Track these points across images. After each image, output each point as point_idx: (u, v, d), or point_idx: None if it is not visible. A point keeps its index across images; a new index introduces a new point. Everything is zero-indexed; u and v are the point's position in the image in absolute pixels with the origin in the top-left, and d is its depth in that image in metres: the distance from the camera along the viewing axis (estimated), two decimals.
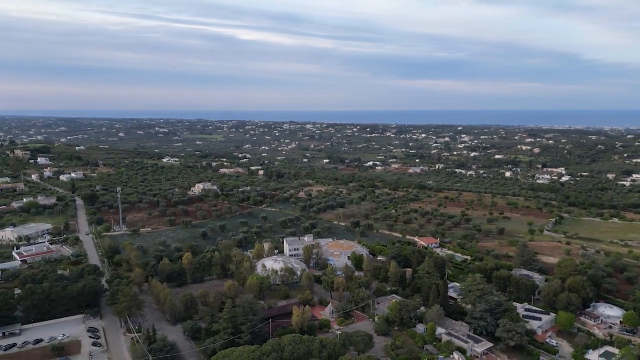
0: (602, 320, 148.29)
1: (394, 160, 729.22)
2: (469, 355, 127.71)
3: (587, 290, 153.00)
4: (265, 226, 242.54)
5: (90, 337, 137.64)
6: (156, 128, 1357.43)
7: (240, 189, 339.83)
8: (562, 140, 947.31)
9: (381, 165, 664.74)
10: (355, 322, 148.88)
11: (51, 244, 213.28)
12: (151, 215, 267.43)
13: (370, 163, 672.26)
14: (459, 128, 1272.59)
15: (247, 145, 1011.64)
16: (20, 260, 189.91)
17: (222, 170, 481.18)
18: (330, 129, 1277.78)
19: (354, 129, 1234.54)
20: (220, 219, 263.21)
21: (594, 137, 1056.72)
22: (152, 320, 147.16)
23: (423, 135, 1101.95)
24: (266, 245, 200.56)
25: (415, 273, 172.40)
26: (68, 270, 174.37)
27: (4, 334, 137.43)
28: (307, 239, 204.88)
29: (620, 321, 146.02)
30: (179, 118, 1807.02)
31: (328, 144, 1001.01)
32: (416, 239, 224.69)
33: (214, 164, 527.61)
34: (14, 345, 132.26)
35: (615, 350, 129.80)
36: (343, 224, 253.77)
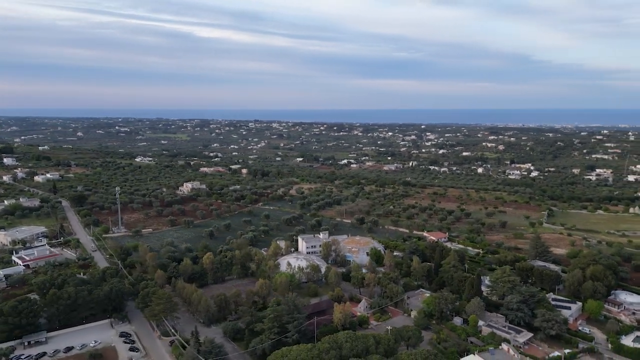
0: (625, 307, 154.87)
1: (367, 158, 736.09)
2: (512, 346, 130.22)
3: (609, 278, 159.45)
4: (272, 224, 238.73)
5: (125, 342, 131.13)
6: (116, 127, 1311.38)
7: (230, 188, 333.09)
8: (523, 138, 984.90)
9: (356, 163, 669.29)
10: (391, 318, 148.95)
11: (50, 247, 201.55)
12: (148, 216, 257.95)
13: (345, 161, 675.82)
14: (423, 127, 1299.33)
15: (215, 144, 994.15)
16: (23, 265, 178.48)
17: (203, 169, 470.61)
18: (297, 127, 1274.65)
19: (321, 128, 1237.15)
20: (221, 218, 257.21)
21: (550, 134, 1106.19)
22: (182, 322, 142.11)
23: (390, 133, 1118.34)
24: (282, 243, 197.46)
25: (439, 267, 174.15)
26: (81, 273, 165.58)
27: (29, 342, 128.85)
28: (323, 236, 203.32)
29: None
30: (139, 117, 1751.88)
31: (298, 142, 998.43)
32: (425, 233, 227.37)
33: (192, 162, 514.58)
34: (44, 354, 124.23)
35: None
36: (348, 221, 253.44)
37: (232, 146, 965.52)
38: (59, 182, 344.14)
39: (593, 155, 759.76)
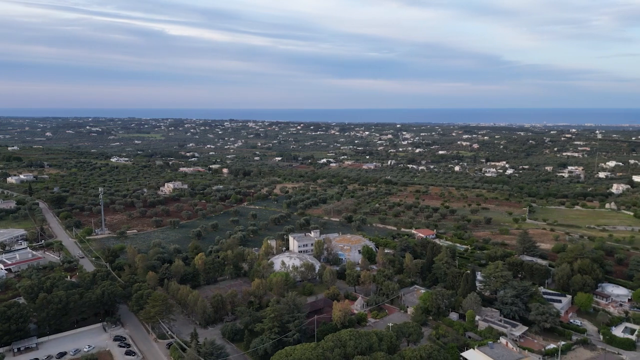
0: (612, 299, 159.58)
1: (345, 157, 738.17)
2: (510, 339, 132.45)
3: (596, 272, 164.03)
4: (260, 224, 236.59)
5: (120, 346, 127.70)
6: (87, 127, 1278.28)
7: (214, 188, 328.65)
8: (496, 137, 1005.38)
9: (335, 162, 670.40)
10: (388, 315, 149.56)
11: (32, 250, 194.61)
12: (131, 217, 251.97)
13: (325, 160, 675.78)
14: (398, 126, 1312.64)
15: (190, 144, 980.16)
16: (5, 269, 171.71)
17: (182, 169, 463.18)
18: (274, 127, 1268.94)
19: (298, 127, 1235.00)
20: (207, 219, 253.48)
21: (522, 133, 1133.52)
22: (177, 324, 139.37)
23: (366, 133, 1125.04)
24: (273, 243, 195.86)
25: (432, 264, 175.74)
26: (68, 277, 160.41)
27: (19, 349, 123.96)
28: (314, 234, 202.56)
29: (629, 299, 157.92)
30: (110, 117, 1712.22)
31: (275, 142, 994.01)
32: (413, 230, 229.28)
33: (170, 162, 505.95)
34: None
35: (634, 326, 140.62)
36: (336, 219, 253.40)
37: (208, 146, 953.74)
38: (33, 183, 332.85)
39: (564, 153, 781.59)
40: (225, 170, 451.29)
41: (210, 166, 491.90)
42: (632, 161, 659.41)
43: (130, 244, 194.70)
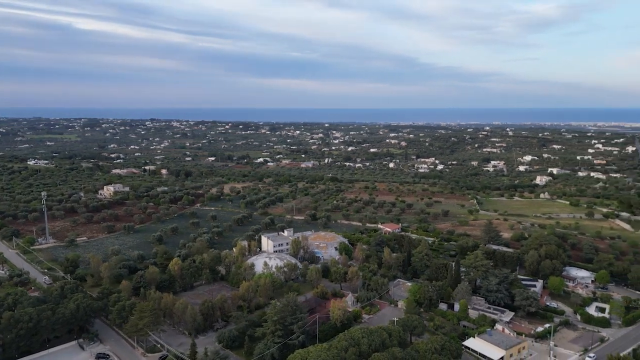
0: (578, 281, 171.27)
1: (281, 156, 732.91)
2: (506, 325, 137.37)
3: (562, 256, 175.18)
4: (223, 225, 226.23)
5: None
6: None
7: (159, 190, 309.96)
8: (421, 135, 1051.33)
9: (272, 162, 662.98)
10: (380, 310, 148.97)
11: None
12: (76, 223, 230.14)
13: (261, 160, 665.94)
14: (326, 125, 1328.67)
15: (112, 145, 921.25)
16: None
17: (115, 171, 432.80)
18: (200, 126, 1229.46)
19: (227, 127, 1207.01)
20: (161, 222, 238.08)
21: (442, 131, 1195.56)
22: (164, 335, 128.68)
23: (297, 132, 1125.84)
24: (245, 243, 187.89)
25: (411, 257, 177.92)
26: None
27: None
28: (287, 233, 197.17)
29: (592, 280, 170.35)
30: (12, 117, 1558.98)
31: (205, 141, 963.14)
32: (380, 225, 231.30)
33: (100, 164, 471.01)
34: None
35: (604, 305, 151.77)
36: (300, 217, 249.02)
37: (132, 146, 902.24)
38: None
39: (484, 149, 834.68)
40: (164, 171, 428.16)
41: (145, 167, 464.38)
42: (545, 155, 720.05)
43: (93, 253, 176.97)
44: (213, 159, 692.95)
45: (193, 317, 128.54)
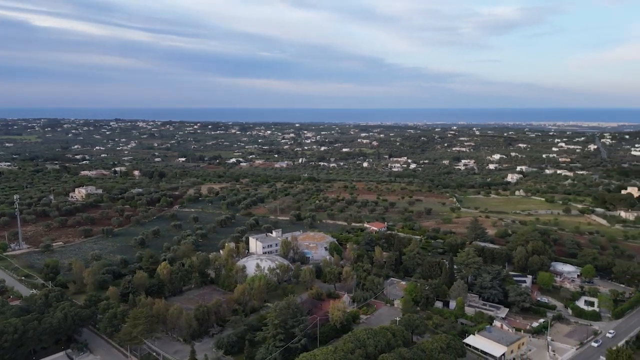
0: (564, 276, 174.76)
1: (254, 156, 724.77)
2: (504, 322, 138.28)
3: (548, 252, 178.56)
4: (207, 227, 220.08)
5: None
6: None
7: (133, 192, 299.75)
8: (391, 134, 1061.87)
9: (245, 162, 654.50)
10: (377, 310, 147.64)
11: None
12: (50, 228, 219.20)
13: (234, 160, 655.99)
14: (297, 125, 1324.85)
15: (76, 146, 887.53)
16: None
17: (83, 172, 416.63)
18: (168, 126, 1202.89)
19: (195, 127, 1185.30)
20: (140, 225, 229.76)
21: (412, 131, 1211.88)
22: (159, 342, 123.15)
23: (268, 132, 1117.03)
24: (233, 245, 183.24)
25: (402, 255, 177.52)
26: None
27: None
28: (276, 234, 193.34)
29: (578, 275, 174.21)
30: None
31: (173, 142, 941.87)
32: (366, 224, 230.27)
33: (67, 165, 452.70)
34: None
35: (592, 299, 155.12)
36: (284, 218, 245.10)
37: (97, 147, 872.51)
38: None
39: (454, 148, 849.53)
40: (136, 173, 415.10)
41: (116, 169, 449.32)
42: (513, 154, 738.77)
43: (75, 258, 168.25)
44: (184, 159, 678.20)
45: (188, 323, 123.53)
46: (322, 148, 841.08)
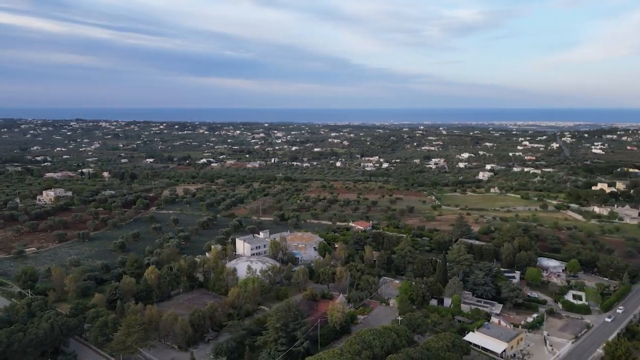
0: (550, 271, 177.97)
1: (224, 156, 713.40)
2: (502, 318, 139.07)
3: (534, 247, 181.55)
4: (189, 229, 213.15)
5: None
6: None
7: (105, 194, 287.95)
8: (361, 134, 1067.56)
9: (215, 162, 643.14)
10: (373, 309, 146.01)
11: None
12: (20, 233, 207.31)
13: (204, 160, 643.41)
14: (266, 125, 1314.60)
15: (35, 147, 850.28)
16: None
17: (49, 174, 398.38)
18: (132, 126, 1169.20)
19: (161, 127, 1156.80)
20: (118, 228, 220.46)
21: (381, 130, 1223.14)
22: (152, 350, 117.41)
23: (237, 132, 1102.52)
24: (220, 247, 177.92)
25: (392, 254, 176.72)
26: None
27: None
28: (263, 235, 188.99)
29: (563, 269, 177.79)
30: None
31: (139, 142, 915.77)
32: (351, 223, 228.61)
33: (29, 167, 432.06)
34: None
35: (579, 292, 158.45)
36: (267, 218, 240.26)
37: (58, 148, 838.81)
38: None
39: (423, 148, 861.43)
40: (106, 174, 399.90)
41: (82, 170, 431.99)
42: (481, 152, 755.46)
43: (55, 264, 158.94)
44: (151, 160, 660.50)
45: (184, 329, 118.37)
46: (294, 148, 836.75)
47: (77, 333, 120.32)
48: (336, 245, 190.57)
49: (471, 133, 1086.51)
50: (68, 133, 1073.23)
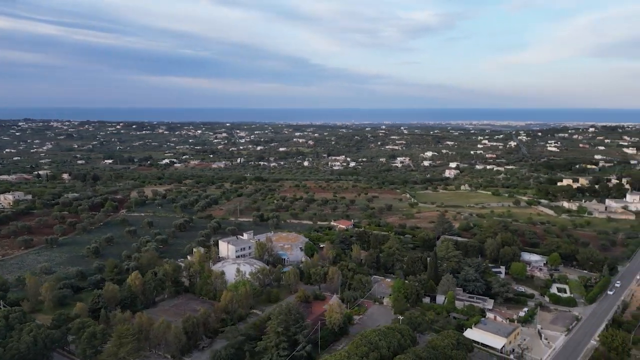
0: (532, 265, 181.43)
1: (187, 157, 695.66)
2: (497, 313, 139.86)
3: (517, 242, 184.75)
4: (166, 232, 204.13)
5: None
6: None
7: (69, 196, 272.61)
8: (325, 134, 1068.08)
9: (178, 163, 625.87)
10: (367, 309, 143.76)
11: None
12: None
13: (167, 161, 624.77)
14: (228, 124, 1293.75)
15: None
16: None
17: (2, 177, 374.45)
18: (86, 126, 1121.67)
19: (118, 127, 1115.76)
20: (87, 232, 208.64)
21: (344, 130, 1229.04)
22: None
23: (199, 132, 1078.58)
24: (202, 250, 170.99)
25: (380, 252, 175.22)
26: None
27: None
28: (247, 236, 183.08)
29: (544, 263, 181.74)
30: None
31: (96, 142, 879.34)
32: (333, 223, 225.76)
33: None
34: None
35: (563, 285, 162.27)
36: (246, 219, 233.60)
37: (7, 150, 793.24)
38: None
39: (387, 147, 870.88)
40: (65, 176, 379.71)
41: (39, 172, 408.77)
42: (444, 151, 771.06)
43: (29, 272, 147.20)
44: (111, 161, 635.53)
45: (178, 338, 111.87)
46: (259, 148, 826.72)
47: (60, 346, 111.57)
48: (322, 245, 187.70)
49: (432, 132, 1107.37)
50: (17, 134, 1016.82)
